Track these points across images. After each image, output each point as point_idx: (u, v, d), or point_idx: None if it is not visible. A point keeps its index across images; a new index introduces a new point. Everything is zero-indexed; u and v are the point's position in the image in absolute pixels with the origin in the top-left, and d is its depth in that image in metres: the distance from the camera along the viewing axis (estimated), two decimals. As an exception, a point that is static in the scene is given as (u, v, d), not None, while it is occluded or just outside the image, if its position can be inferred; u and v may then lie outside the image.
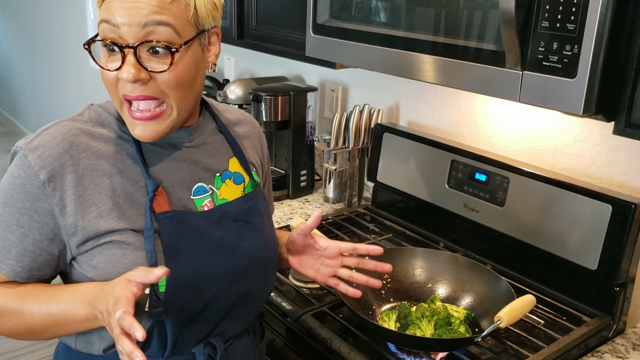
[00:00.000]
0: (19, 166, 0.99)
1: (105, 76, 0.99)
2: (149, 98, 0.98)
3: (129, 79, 0.94)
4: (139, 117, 0.99)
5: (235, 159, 1.18)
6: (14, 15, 6.30)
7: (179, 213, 1.04)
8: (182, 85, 0.99)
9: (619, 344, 1.39)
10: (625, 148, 1.45)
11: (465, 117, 1.81)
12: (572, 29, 1.03)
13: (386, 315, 1.36)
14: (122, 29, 0.94)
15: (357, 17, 1.45)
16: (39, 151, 0.98)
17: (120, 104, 1.01)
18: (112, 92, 1.00)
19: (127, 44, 0.94)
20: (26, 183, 0.98)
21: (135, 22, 0.93)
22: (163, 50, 0.96)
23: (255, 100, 2.07)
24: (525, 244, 1.52)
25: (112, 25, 0.94)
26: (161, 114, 1.00)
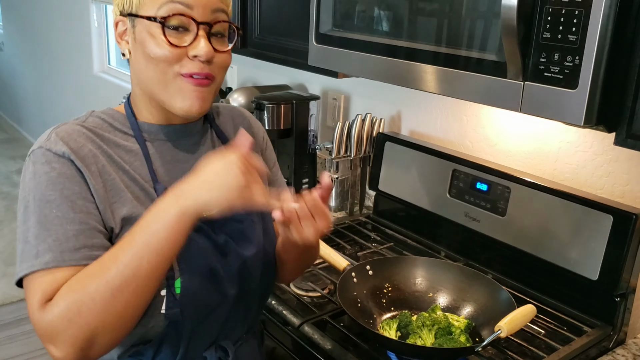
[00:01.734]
0: (47, 161, 0.97)
1: (168, 53, 1.00)
2: (210, 76, 1.04)
3: (208, 54, 1.01)
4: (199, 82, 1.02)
5: None
6: (17, 21, 6.32)
7: None
8: (227, 67, 1.09)
9: (620, 355, 1.39)
10: (626, 159, 1.45)
11: (466, 127, 1.81)
12: (574, 40, 1.03)
13: (387, 324, 1.36)
14: (195, 10, 1.00)
15: (359, 26, 1.46)
16: (61, 142, 0.99)
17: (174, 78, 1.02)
18: (165, 68, 1.01)
19: (203, 21, 1.01)
20: (63, 170, 0.97)
21: (208, 7, 1.02)
22: (224, 34, 1.06)
23: (257, 108, 2.08)
24: (526, 253, 1.52)
25: (183, 5, 1.00)
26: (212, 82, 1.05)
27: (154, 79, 1.03)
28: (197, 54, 1.01)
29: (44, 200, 0.95)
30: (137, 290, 0.92)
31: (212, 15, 1.02)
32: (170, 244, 0.92)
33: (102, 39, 4.49)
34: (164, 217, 0.92)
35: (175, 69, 1.01)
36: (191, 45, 1.01)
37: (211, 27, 1.02)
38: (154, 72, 1.03)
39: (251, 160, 0.94)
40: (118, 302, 0.90)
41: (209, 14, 1.02)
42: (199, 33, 1.01)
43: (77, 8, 4.61)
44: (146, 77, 1.04)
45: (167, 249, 0.92)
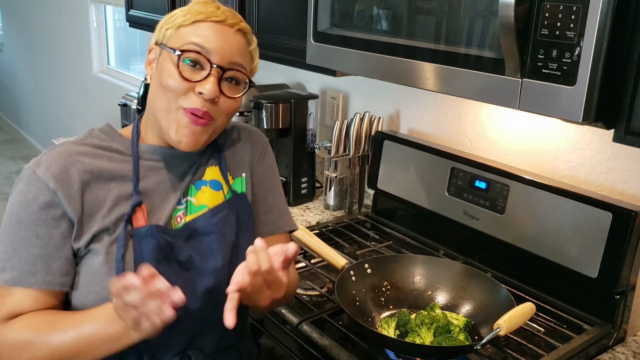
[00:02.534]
0: (28, 183, 1.05)
1: (177, 84, 1.07)
2: (208, 116, 1.09)
3: (212, 94, 1.07)
4: (195, 121, 1.08)
5: (216, 168, 1.21)
6: (18, 23, 6.32)
7: (153, 229, 1.08)
8: (232, 114, 1.15)
9: (620, 353, 1.39)
10: (625, 155, 1.45)
11: (465, 125, 1.81)
12: (572, 37, 1.03)
13: (385, 323, 1.36)
14: (214, 55, 1.08)
15: (357, 25, 1.45)
16: (46, 165, 1.06)
17: (176, 110, 1.08)
18: (172, 98, 1.08)
19: (217, 64, 1.08)
20: (38, 195, 1.04)
21: (228, 56, 1.09)
22: (237, 81, 1.12)
23: (256, 107, 2.07)
24: (525, 251, 1.52)
25: (204, 48, 1.07)
26: (209, 125, 1.10)
27: (160, 106, 1.10)
28: (202, 91, 1.06)
29: (16, 219, 1.04)
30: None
31: (228, 64, 1.09)
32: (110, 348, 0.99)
33: (101, 39, 4.49)
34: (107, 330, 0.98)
35: (179, 102, 1.08)
36: (200, 82, 1.07)
37: (224, 71, 1.09)
38: (161, 99, 1.09)
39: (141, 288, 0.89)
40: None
41: (225, 63, 1.09)
42: (211, 73, 1.07)
43: (77, 9, 4.61)
44: (155, 102, 1.11)
45: (106, 350, 0.99)
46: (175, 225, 1.13)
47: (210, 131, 1.11)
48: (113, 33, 4.52)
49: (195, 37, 1.08)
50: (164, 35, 1.12)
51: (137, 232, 1.07)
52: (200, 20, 1.10)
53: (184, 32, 1.10)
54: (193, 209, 1.16)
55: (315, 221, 1.99)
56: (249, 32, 1.17)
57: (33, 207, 1.03)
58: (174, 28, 1.11)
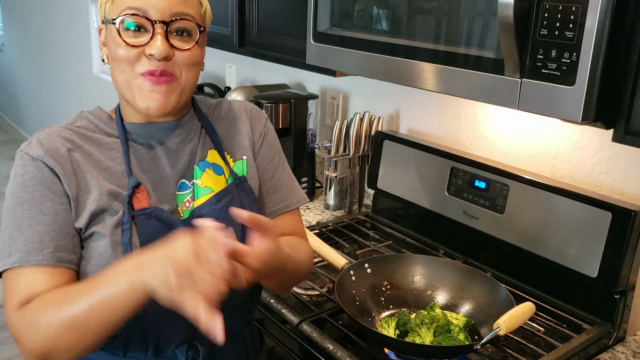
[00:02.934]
0: (22, 164, 1.04)
1: (126, 53, 1.04)
2: (168, 74, 1.05)
3: (162, 53, 1.03)
4: (156, 81, 1.04)
5: (215, 151, 1.19)
6: (17, 22, 6.33)
7: (157, 210, 1.07)
8: (196, 65, 1.10)
9: (619, 352, 1.39)
10: (625, 155, 1.45)
11: (465, 125, 1.81)
12: (571, 37, 1.03)
13: (385, 322, 1.36)
14: (152, 12, 1.03)
15: (357, 25, 1.45)
16: (38, 145, 1.05)
17: (134, 78, 1.06)
18: (127, 69, 1.06)
19: (159, 19, 1.03)
20: (36, 173, 1.02)
21: (167, 9, 1.04)
22: (188, 32, 1.07)
23: (256, 107, 2.07)
24: (525, 251, 1.52)
25: (138, 9, 1.03)
26: (172, 83, 1.07)
27: (120, 80, 1.08)
28: (151, 52, 1.04)
29: (17, 201, 1.02)
30: (88, 333, 0.94)
31: (171, 16, 1.05)
32: (121, 309, 0.92)
33: (101, 39, 4.49)
34: (120, 284, 0.91)
35: (135, 69, 1.05)
36: (147, 44, 1.04)
37: (168, 25, 1.05)
38: (119, 73, 1.07)
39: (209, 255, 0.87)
40: (69, 336, 0.94)
41: (167, 16, 1.05)
42: (155, 31, 1.04)
43: (77, 9, 4.61)
44: (115, 78, 1.09)
45: (118, 312, 0.92)
46: (184, 211, 1.12)
47: (178, 90, 1.08)
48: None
49: (130, 1, 1.05)
50: (104, 11, 1.10)
51: (140, 214, 1.06)
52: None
53: (118, 1, 1.06)
54: (199, 191, 1.14)
55: (316, 221, 1.99)
56: None
57: (33, 184, 1.02)
58: (110, 1, 1.08)
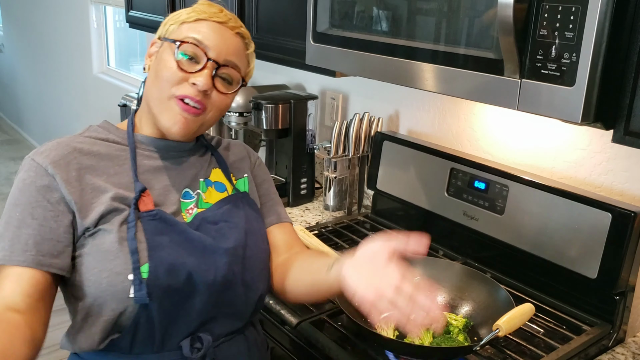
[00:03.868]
0: (27, 170, 1.08)
1: (173, 72, 1.12)
2: (201, 105, 1.13)
3: (205, 86, 1.11)
4: (188, 109, 1.12)
5: (219, 170, 1.28)
6: (18, 23, 6.33)
7: (162, 212, 1.13)
8: (223, 110, 1.19)
9: (619, 353, 1.38)
10: (625, 156, 1.45)
11: (464, 126, 1.81)
12: (571, 37, 1.03)
13: (385, 323, 1.35)
14: (211, 50, 1.13)
15: (357, 25, 1.45)
16: (45, 153, 1.10)
17: (168, 99, 1.12)
18: (166, 87, 1.12)
19: (214, 59, 1.13)
20: (36, 180, 1.07)
21: (223, 54, 1.14)
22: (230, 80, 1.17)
23: (255, 108, 2.07)
24: (525, 252, 1.52)
25: (200, 43, 1.13)
26: (200, 114, 1.15)
27: (154, 95, 1.15)
28: (196, 82, 1.11)
29: (13, 203, 1.07)
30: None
31: (224, 61, 1.15)
32: None
33: (101, 40, 4.49)
34: None
35: (172, 90, 1.12)
36: (195, 74, 1.12)
37: (219, 67, 1.14)
38: (156, 88, 1.14)
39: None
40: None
41: (222, 59, 1.14)
42: (206, 65, 1.12)
43: (77, 9, 4.61)
44: (150, 91, 1.16)
45: None
46: (187, 217, 1.18)
47: (200, 122, 1.16)
48: (113, 34, 4.52)
49: (196, 33, 1.14)
50: (167, 30, 1.18)
51: (145, 215, 1.11)
52: (202, 19, 1.15)
53: (185, 27, 1.15)
54: (202, 204, 1.21)
55: (315, 222, 1.99)
56: (248, 38, 1.23)
57: (31, 190, 1.06)
58: (177, 24, 1.17)
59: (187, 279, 1.08)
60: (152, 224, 1.10)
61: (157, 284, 1.05)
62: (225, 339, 1.17)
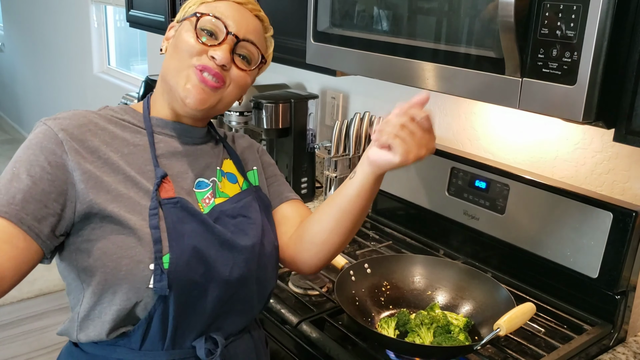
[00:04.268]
0: (37, 132, 1.05)
1: (192, 45, 1.09)
2: (220, 77, 1.10)
3: (222, 60, 1.08)
4: (205, 79, 1.09)
5: (230, 161, 1.25)
6: (18, 22, 6.33)
7: (183, 200, 1.10)
8: (242, 88, 1.16)
9: (620, 353, 1.38)
10: (626, 155, 1.45)
11: (465, 125, 1.81)
12: (572, 36, 1.03)
13: (385, 323, 1.35)
14: (231, 23, 1.11)
15: (357, 24, 1.45)
16: (59, 120, 1.07)
17: (187, 68, 1.10)
18: (185, 58, 1.10)
19: (235, 33, 1.11)
20: (42, 141, 1.04)
21: (244, 27, 1.13)
22: (249, 59, 1.15)
23: (256, 107, 2.07)
24: (526, 251, 1.52)
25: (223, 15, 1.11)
26: (219, 88, 1.12)
27: (171, 67, 1.12)
28: (215, 55, 1.08)
29: (16, 158, 1.04)
30: None
31: (244, 36, 1.12)
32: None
33: (101, 39, 4.49)
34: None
35: (192, 61, 1.10)
36: (214, 47, 1.10)
37: (239, 41, 1.11)
38: (174, 60, 1.12)
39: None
40: None
41: (242, 34, 1.12)
42: (225, 39, 1.10)
43: (77, 9, 4.61)
44: (167, 65, 1.13)
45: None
46: (204, 207, 1.14)
47: (219, 97, 1.13)
48: (114, 33, 4.52)
49: (216, 11, 1.12)
50: (185, 12, 1.17)
51: (167, 202, 1.08)
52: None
53: (204, 7, 1.14)
54: (219, 193, 1.18)
55: (315, 221, 1.99)
56: (267, 22, 1.22)
57: (34, 148, 1.03)
58: (196, 4, 1.15)
59: (205, 272, 1.07)
60: (173, 212, 1.07)
61: (177, 276, 1.03)
62: (235, 337, 1.16)
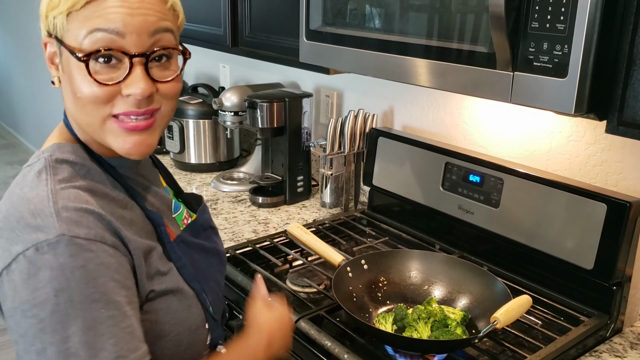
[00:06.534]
0: (76, 253, 0.79)
1: (94, 93, 0.85)
2: (149, 111, 0.89)
3: (145, 92, 0.86)
4: (134, 126, 0.88)
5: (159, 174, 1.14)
6: (12, 28, 6.31)
7: (181, 236, 1.04)
8: (177, 95, 0.94)
9: (617, 343, 1.39)
10: (619, 147, 1.45)
11: (458, 120, 1.81)
12: (562, 29, 1.03)
13: (383, 318, 1.36)
14: (128, 38, 0.84)
15: (349, 22, 1.45)
16: (79, 224, 0.82)
17: (103, 122, 0.88)
18: (94, 111, 0.87)
19: (137, 52, 0.85)
20: (101, 256, 0.81)
21: (145, 31, 0.85)
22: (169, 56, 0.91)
23: (250, 107, 2.07)
24: (521, 244, 1.52)
25: (112, 34, 0.83)
26: (152, 123, 0.90)
27: (83, 120, 0.90)
28: (131, 92, 0.85)
29: (87, 301, 0.78)
30: None
31: (150, 39, 0.87)
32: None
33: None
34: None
35: (106, 111, 0.87)
36: (124, 81, 0.86)
37: (149, 56, 0.87)
38: (82, 113, 0.89)
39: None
40: None
41: (145, 39, 0.86)
42: (133, 65, 0.85)
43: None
44: (76, 116, 0.91)
45: None
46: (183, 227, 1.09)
47: (161, 125, 0.93)
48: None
49: (96, 21, 0.83)
50: (54, 25, 0.88)
51: (173, 246, 0.98)
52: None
53: (77, 18, 0.85)
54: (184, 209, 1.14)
55: (312, 219, 1.99)
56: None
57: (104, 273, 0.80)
58: (63, 15, 0.86)
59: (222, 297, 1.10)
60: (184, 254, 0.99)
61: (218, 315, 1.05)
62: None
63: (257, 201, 2.13)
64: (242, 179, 2.38)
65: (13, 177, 5.65)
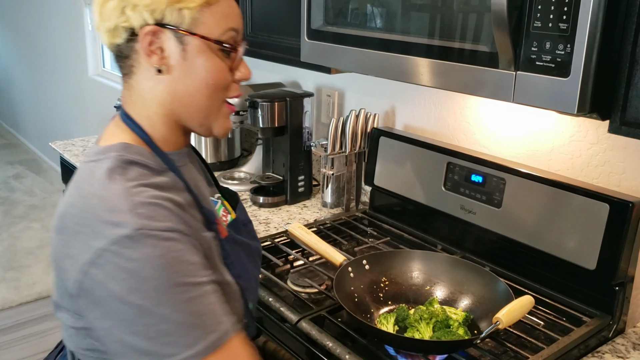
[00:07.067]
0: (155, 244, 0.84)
1: (226, 77, 0.99)
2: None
3: (248, 76, 1.02)
4: (232, 107, 1.04)
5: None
6: (13, 27, 6.31)
7: (232, 233, 1.08)
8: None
9: (619, 344, 1.39)
10: (621, 147, 1.45)
11: (460, 120, 1.81)
12: (565, 28, 1.03)
13: (384, 318, 1.36)
14: (240, 33, 1.00)
15: (351, 22, 1.45)
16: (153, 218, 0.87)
17: (221, 105, 1.01)
18: (218, 94, 0.99)
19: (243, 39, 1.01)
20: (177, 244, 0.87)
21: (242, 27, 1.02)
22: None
23: (251, 106, 2.07)
24: (523, 245, 1.52)
25: (239, 33, 0.99)
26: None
27: (200, 104, 0.97)
28: (241, 76, 1.01)
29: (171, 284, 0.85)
30: None
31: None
32: None
33: (96, 42, 4.48)
34: None
35: (225, 95, 1.00)
36: (238, 67, 1.01)
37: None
38: (207, 98, 0.97)
39: None
40: None
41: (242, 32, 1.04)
42: (240, 49, 1.01)
43: (72, 12, 4.60)
44: (191, 101, 0.97)
45: None
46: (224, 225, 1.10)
47: None
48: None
49: (229, 19, 0.97)
50: (178, 16, 0.93)
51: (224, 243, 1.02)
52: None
53: (215, 13, 0.95)
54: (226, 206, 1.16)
55: (313, 219, 1.99)
56: None
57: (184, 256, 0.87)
58: (195, 7, 0.93)
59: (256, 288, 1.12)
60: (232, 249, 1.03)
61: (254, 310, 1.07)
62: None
63: (258, 201, 2.12)
64: (243, 178, 2.38)
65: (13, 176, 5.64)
